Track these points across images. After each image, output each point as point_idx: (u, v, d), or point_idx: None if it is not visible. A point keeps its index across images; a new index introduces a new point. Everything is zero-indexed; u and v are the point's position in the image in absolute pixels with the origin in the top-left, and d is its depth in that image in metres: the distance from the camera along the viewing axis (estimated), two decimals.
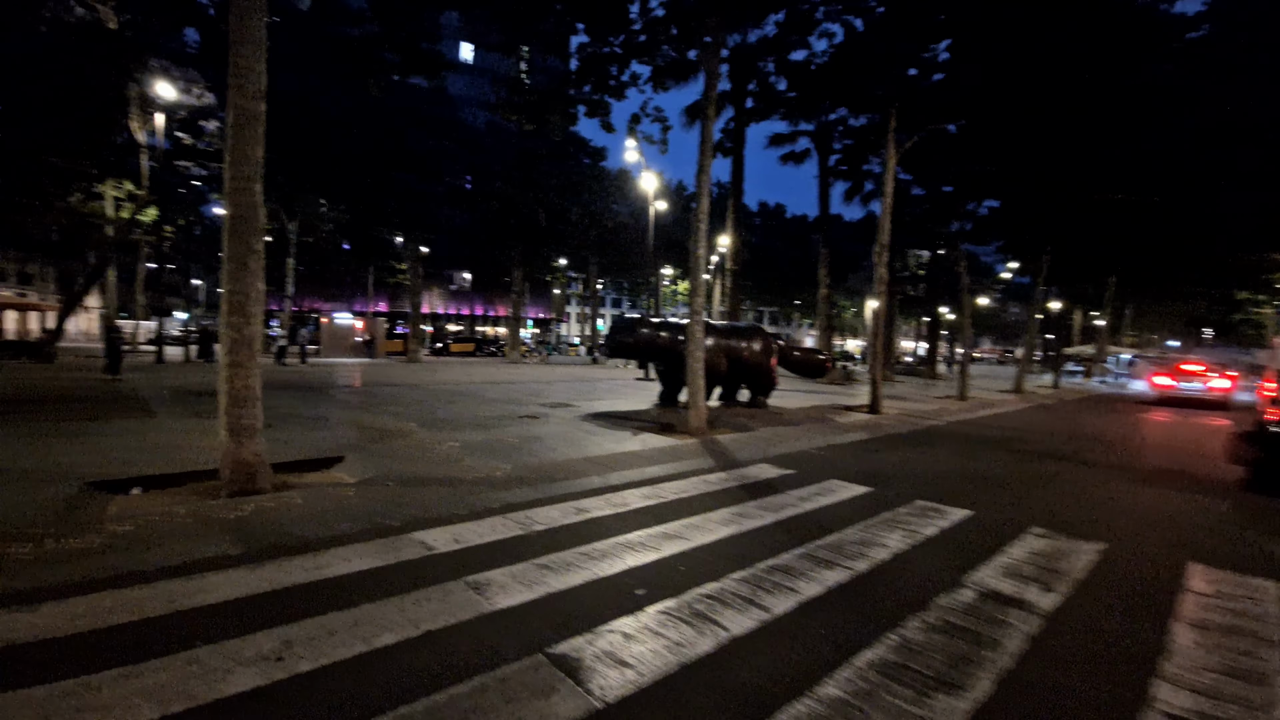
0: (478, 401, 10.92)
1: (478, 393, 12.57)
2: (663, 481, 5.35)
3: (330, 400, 10.43)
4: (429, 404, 10.30)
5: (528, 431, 7.70)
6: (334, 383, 14.16)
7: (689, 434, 8.12)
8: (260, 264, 4.45)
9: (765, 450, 7.16)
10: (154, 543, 3.34)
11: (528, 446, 6.64)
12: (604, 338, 10.53)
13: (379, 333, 28.10)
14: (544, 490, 4.86)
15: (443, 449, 6.32)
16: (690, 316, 8.50)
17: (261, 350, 4.55)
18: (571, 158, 31.39)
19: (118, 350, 13.08)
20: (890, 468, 6.49)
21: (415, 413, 9.09)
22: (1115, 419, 13.43)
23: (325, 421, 7.89)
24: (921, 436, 9.18)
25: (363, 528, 3.76)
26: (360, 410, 9.21)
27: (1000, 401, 16.35)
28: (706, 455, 6.65)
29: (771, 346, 11.70)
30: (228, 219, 4.28)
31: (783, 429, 8.93)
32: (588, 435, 7.62)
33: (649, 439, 7.52)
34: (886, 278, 11.55)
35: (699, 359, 8.45)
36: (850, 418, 10.80)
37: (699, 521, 4.18)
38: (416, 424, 7.96)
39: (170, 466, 5.04)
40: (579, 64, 11.70)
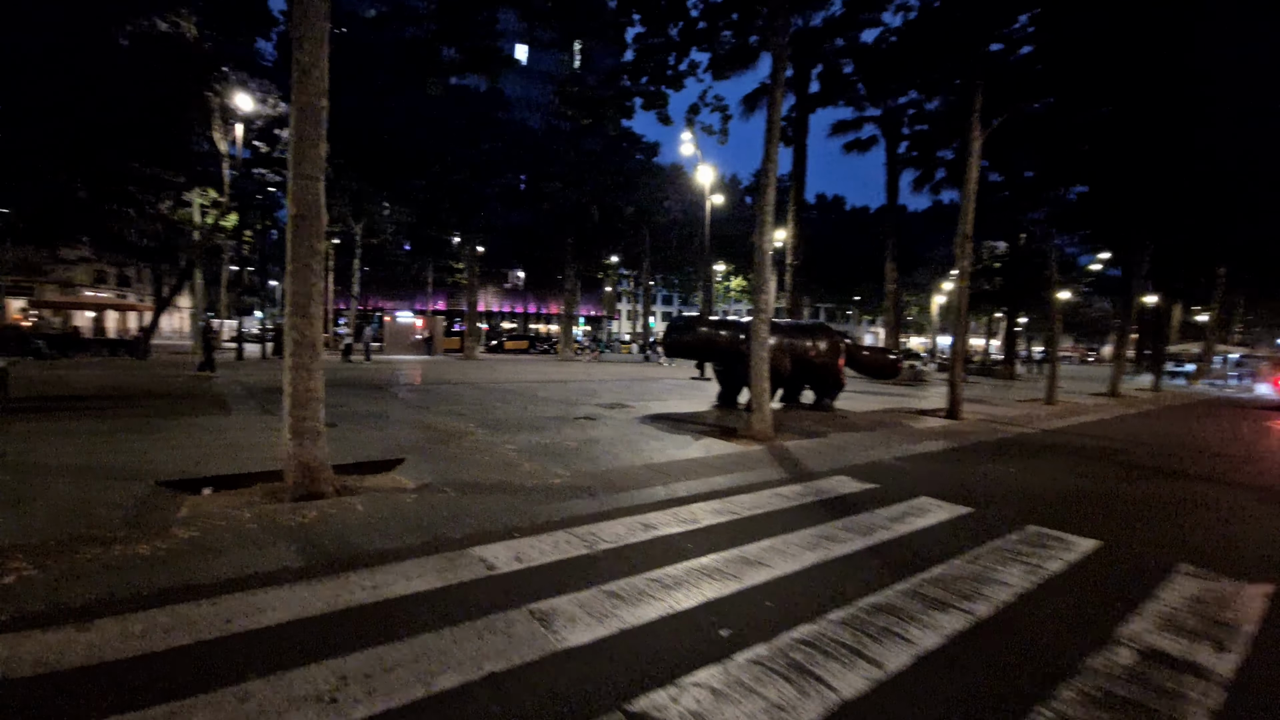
0: (533, 401, 10.83)
1: (533, 392, 12.52)
2: (733, 494, 4.94)
3: (391, 398, 10.60)
4: (485, 403, 10.29)
5: (585, 434, 7.46)
6: (395, 380, 14.51)
7: (753, 439, 7.66)
8: (322, 264, 4.36)
9: (840, 459, 6.61)
10: (217, 551, 3.25)
11: (586, 451, 6.39)
12: (660, 336, 10.15)
13: (438, 330, 28.93)
14: (606, 501, 4.56)
15: (500, 452, 6.15)
16: (754, 314, 8.02)
17: (329, 348, 4.52)
18: (624, 154, 31.22)
19: (211, 348, 13.90)
20: (987, 484, 5.81)
21: (472, 412, 9.05)
22: (1238, 428, 11.88)
23: (386, 420, 7.93)
24: (1013, 447, 8.32)
25: (423, 540, 3.56)
26: (420, 409, 9.27)
27: (1094, 406, 14.88)
28: (776, 464, 6.18)
29: (839, 345, 11.02)
30: (291, 218, 4.20)
31: (854, 435, 8.31)
32: (647, 439, 7.29)
33: (712, 444, 7.11)
34: (969, 270, 10.61)
35: (764, 359, 7.96)
36: (927, 423, 10.00)
37: (780, 544, 3.75)
38: (474, 424, 7.88)
39: (240, 466, 5.08)
40: (635, 54, 11.39)
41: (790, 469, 6.00)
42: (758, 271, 8.04)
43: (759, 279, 8.00)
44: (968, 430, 9.42)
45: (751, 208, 41.00)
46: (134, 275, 37.98)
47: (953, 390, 10.90)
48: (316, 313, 4.32)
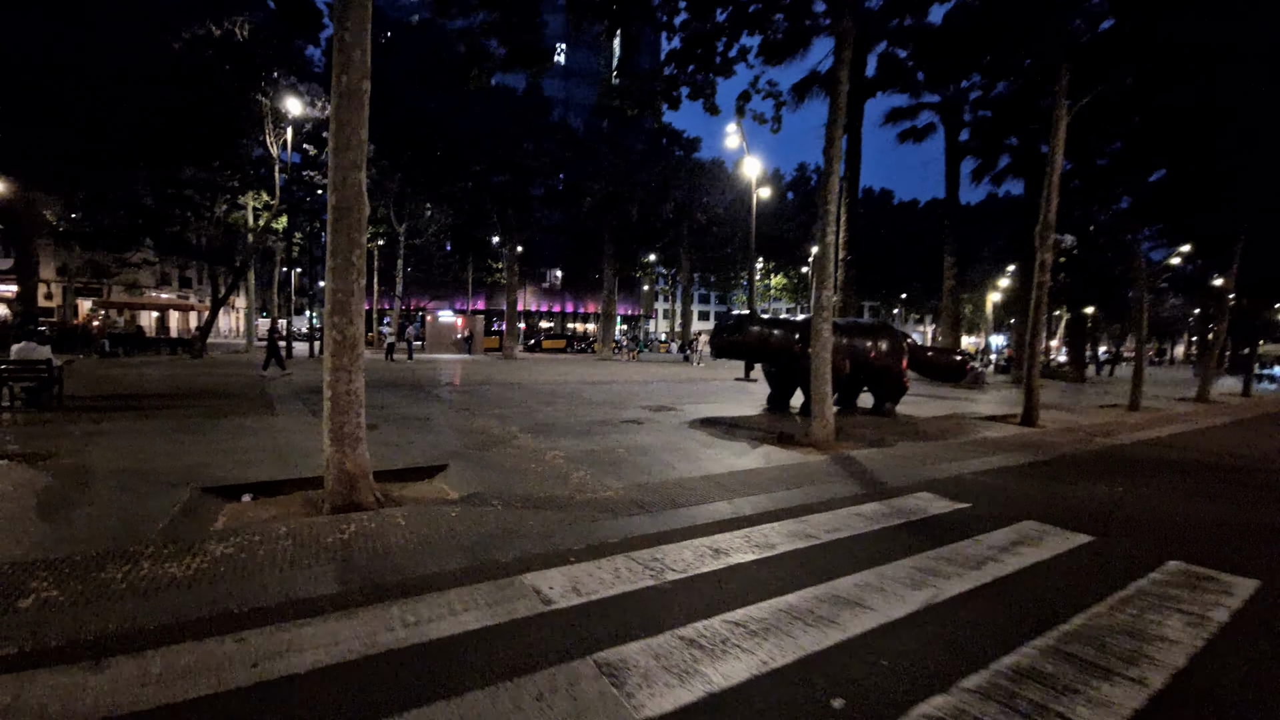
0: (576, 403, 10.49)
1: (575, 393, 12.21)
2: (806, 513, 4.41)
3: (433, 400, 10.44)
4: (528, 405, 10.00)
5: (634, 440, 7.03)
6: (437, 380, 14.47)
7: (814, 447, 7.08)
8: (364, 259, 4.07)
9: (916, 473, 5.97)
10: (251, 571, 2.96)
11: (637, 459, 5.96)
12: (708, 336, 9.64)
13: (478, 330, 29.13)
14: (666, 519, 4.11)
15: (547, 459, 5.78)
16: (815, 312, 7.43)
17: (371, 346, 4.22)
18: (664, 151, 30.74)
19: (276, 348, 14.25)
20: (1096, 506, 5.08)
21: (516, 415, 8.76)
22: None
23: (428, 423, 7.71)
24: (1107, 460, 7.45)
25: (469, 564, 3.20)
26: (462, 411, 9.05)
27: (1185, 414, 13.54)
28: (846, 477, 5.60)
29: (901, 346, 10.28)
30: (331, 210, 3.92)
31: (925, 445, 7.61)
32: (700, 446, 6.81)
33: (771, 453, 6.57)
34: (1050, 264, 9.69)
35: (826, 361, 7.37)
36: (1001, 431, 9.16)
37: (874, 579, 3.22)
38: (517, 428, 7.57)
39: (283, 471, 4.88)
40: (683, 41, 10.91)
41: (863, 483, 5.42)
42: (818, 266, 7.45)
43: (820, 274, 7.41)
44: (1051, 441, 8.55)
45: (794, 204, 39.91)
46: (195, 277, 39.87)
47: (1030, 395, 9.99)
48: (358, 310, 4.03)
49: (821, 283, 7.40)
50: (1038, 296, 9.79)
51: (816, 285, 7.46)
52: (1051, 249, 9.63)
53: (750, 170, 16.55)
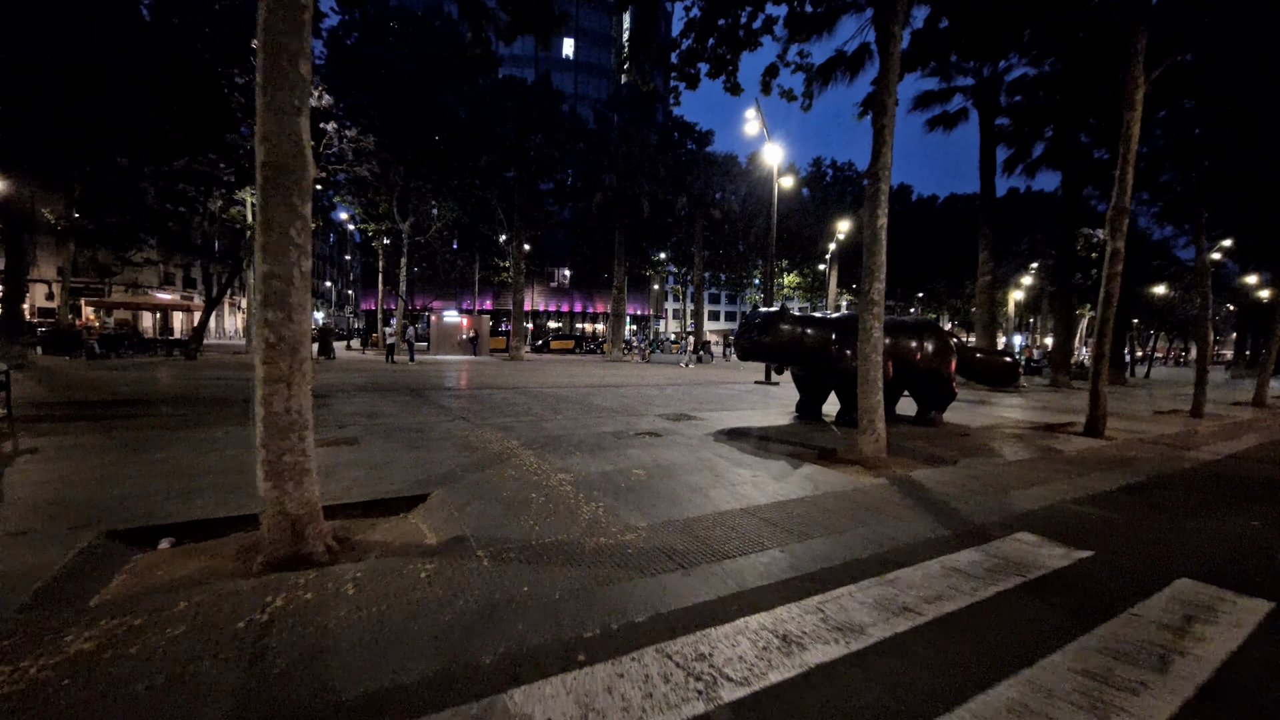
0: (587, 410, 9.50)
1: (585, 399, 11.22)
2: (888, 566, 3.38)
3: (432, 406, 9.50)
4: (534, 413, 9.03)
5: (654, 457, 6.02)
6: (439, 384, 13.56)
7: (863, 466, 6.05)
8: (308, 237, 3.09)
9: (999, 502, 4.90)
10: (106, 689, 1.98)
11: (661, 484, 4.95)
12: (722, 336, 8.55)
13: (484, 330, 28.27)
14: (708, 579, 3.09)
15: (553, 485, 4.79)
16: (863, 308, 6.39)
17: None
18: (677, 145, 29.71)
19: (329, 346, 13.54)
20: (1247, 549, 3.99)
21: (520, 426, 7.78)
22: None
23: (420, 437, 6.74)
24: (1212, 482, 6.32)
25: (434, 669, 2.20)
26: (460, 421, 8.09)
27: (1254, 421, 12.28)
28: (917, 509, 4.56)
29: (950, 347, 9.19)
30: (261, 169, 2.94)
31: (991, 463, 6.53)
32: (732, 465, 5.79)
33: (816, 474, 5.54)
34: (1123, 253, 8.54)
35: (877, 365, 6.34)
36: (1067, 444, 8.05)
37: (1029, 695, 2.18)
38: (520, 441, 6.58)
39: (230, 503, 3.93)
40: (701, 10, 9.88)
41: (941, 518, 4.37)
42: (868, 253, 6.40)
43: (870, 262, 6.36)
44: (1133, 456, 7.43)
45: (810, 200, 38.68)
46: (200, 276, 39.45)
47: (1097, 401, 8.87)
48: (300, 303, 3.06)
49: (871, 273, 6.36)
50: (1108, 290, 8.66)
51: (866, 276, 6.41)
52: (1123, 236, 8.49)
53: (771, 158, 15.48)
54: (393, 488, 4.47)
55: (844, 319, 8.86)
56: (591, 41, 51.67)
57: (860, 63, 15.85)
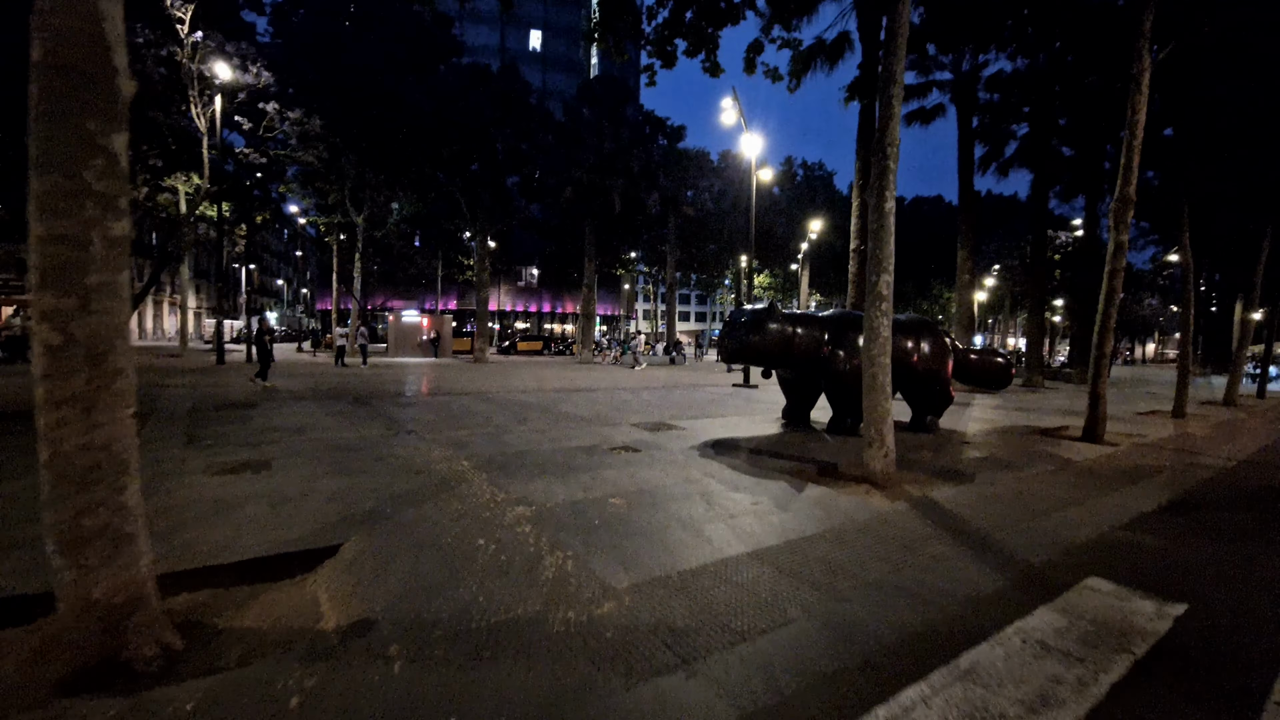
0: (555, 420, 8.50)
1: (554, 405, 10.20)
2: (957, 645, 2.52)
3: (377, 417, 8.34)
4: (495, 423, 7.98)
5: (634, 479, 5.09)
6: (391, 390, 12.31)
7: (872, 485, 5.27)
8: (120, 182, 2.05)
9: (1041, 530, 4.16)
10: None
11: (645, 519, 4.02)
12: (718, 337, 7.69)
13: (446, 331, 26.82)
14: (725, 687, 2.17)
15: (508, 523, 3.81)
16: (870, 303, 5.61)
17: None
18: (649, 140, 28.84)
19: (266, 352, 12.09)
20: None
21: (477, 440, 6.73)
22: None
23: (353, 457, 5.64)
24: (1246, 495, 5.76)
25: None
26: (408, 435, 6.99)
27: (1233, 420, 12.14)
28: (955, 544, 3.76)
29: (946, 347, 8.57)
30: (34, 70, 1.88)
31: (1010, 477, 5.84)
32: (726, 490, 4.90)
33: (825, 499, 4.71)
34: (1126, 247, 8.05)
35: (885, 368, 5.56)
36: (1073, 451, 7.49)
37: None
38: (475, 462, 5.56)
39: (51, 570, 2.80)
40: None
41: (987, 556, 3.57)
42: (874, 239, 5.63)
43: (877, 250, 5.59)
44: (1145, 465, 6.88)
45: (782, 199, 38.38)
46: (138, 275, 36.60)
47: (1096, 405, 8.36)
48: (106, 284, 2.01)
49: (879, 263, 5.58)
50: (1111, 286, 8.14)
51: (872, 267, 5.64)
52: (1127, 229, 8.00)
53: (750, 148, 14.76)
54: (294, 535, 3.42)
55: (838, 317, 8.12)
56: (559, 35, 50.41)
57: (840, 51, 15.34)
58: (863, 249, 13.45)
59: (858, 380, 7.87)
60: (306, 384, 12.87)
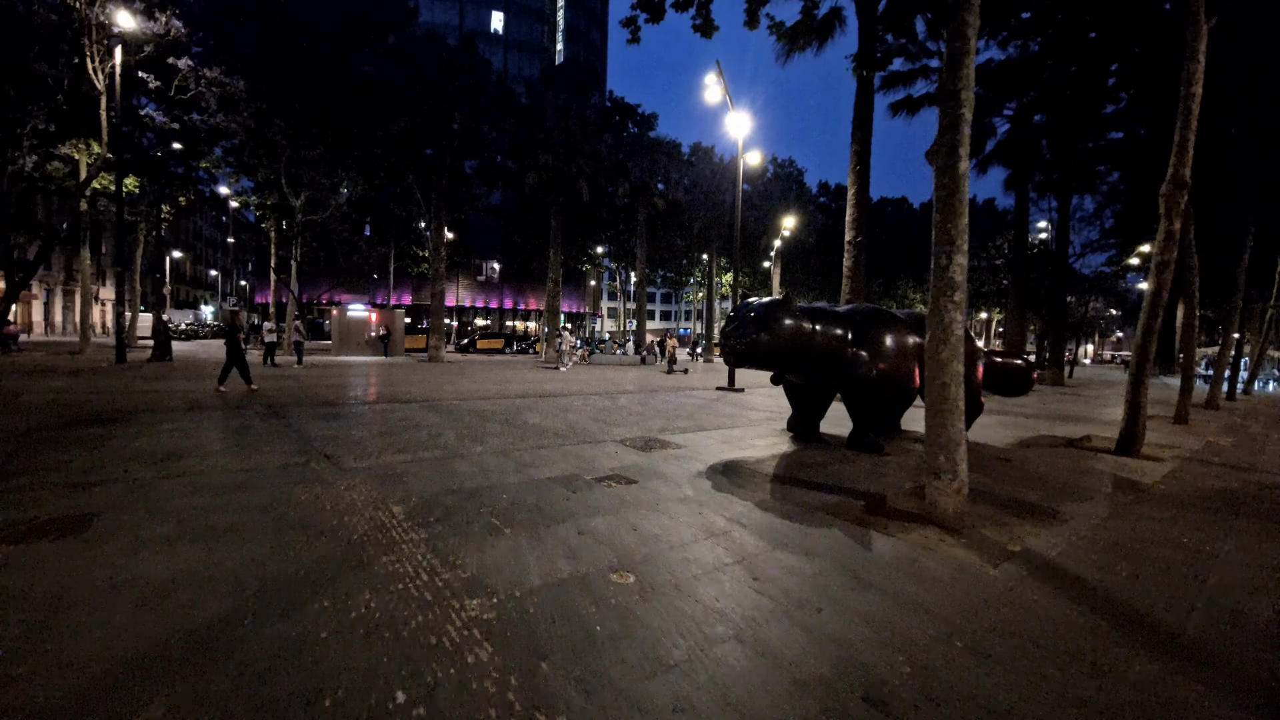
0: (521, 435, 6.95)
1: (518, 416, 8.61)
2: None
3: (288, 435, 6.59)
4: (445, 442, 6.37)
5: (636, 535, 3.65)
6: (321, 397, 10.43)
7: (941, 526, 4.04)
8: None
9: (1215, 606, 2.95)
10: None
11: (669, 615, 2.59)
12: (721, 334, 6.22)
13: (397, 327, 24.57)
14: None
15: (448, 643, 2.31)
16: (939, 292, 4.35)
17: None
18: (618, 127, 27.33)
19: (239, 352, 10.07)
20: None
21: (416, 470, 5.14)
22: None
23: (235, 501, 3.98)
24: None
25: None
26: (322, 463, 5.32)
27: (1237, 426, 11.66)
28: (1126, 643, 2.48)
29: (977, 350, 7.49)
30: None
31: (1091, 511, 4.70)
32: (765, 546, 3.52)
33: (900, 557, 3.39)
34: (1178, 236, 7.11)
35: (957, 376, 4.32)
36: (1128, 469, 6.50)
37: None
38: (409, 508, 3.99)
39: None
40: None
41: (1180, 663, 2.31)
42: (944, 211, 4.37)
43: (948, 223, 4.34)
44: (1217, 487, 5.91)
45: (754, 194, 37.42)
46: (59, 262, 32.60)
47: (1136, 416, 7.42)
48: None
49: (950, 239, 4.33)
50: (1160, 280, 7.20)
51: (939, 244, 4.37)
52: (1180, 215, 7.06)
53: (737, 128, 13.48)
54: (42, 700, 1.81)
55: (861, 313, 6.88)
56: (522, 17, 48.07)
57: (830, 29, 14.23)
58: (859, 240, 12.39)
59: (887, 388, 6.67)
60: (215, 390, 10.84)
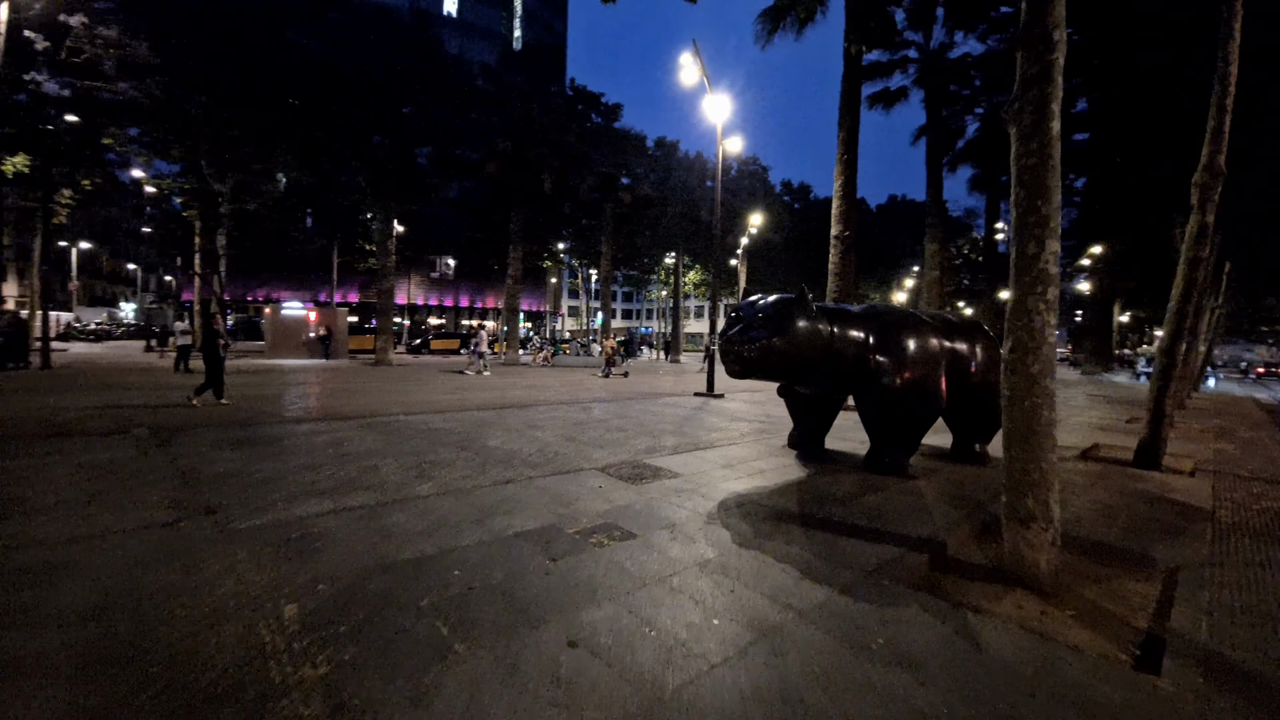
0: (481, 464, 5.66)
1: (478, 436, 7.28)
2: None
3: (165, 475, 5.10)
4: (381, 479, 5.03)
5: (648, 633, 2.50)
6: (230, 414, 8.78)
7: (1035, 590, 3.13)
8: None
9: None
10: None
11: None
12: (722, 339, 5.05)
13: (339, 326, 22.47)
14: None
15: None
16: (1024, 288, 3.43)
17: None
18: (581, 117, 25.97)
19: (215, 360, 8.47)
20: None
21: (341, 527, 3.82)
22: None
23: (62, 578, 2.60)
24: None
25: None
26: (200, 521, 3.93)
27: (1221, 430, 11.50)
28: None
29: (999, 353, 6.67)
30: None
31: (1183, 556, 3.88)
32: (842, 652, 2.44)
33: (1020, 651, 2.37)
34: (1211, 230, 6.51)
35: (1049, 392, 3.41)
36: (1171, 489, 5.82)
37: None
38: (310, 608, 2.71)
39: None
40: None
41: None
42: (1029, 187, 3.42)
43: (1037, 200, 3.39)
44: (1267, 505, 5.27)
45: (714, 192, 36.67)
46: None
47: (1159, 425, 6.83)
48: None
49: (1039, 221, 3.39)
50: (1189, 278, 6.60)
51: (1024, 230, 3.43)
52: (1214, 206, 6.46)
53: (716, 112, 12.47)
54: None
55: (883, 313, 5.95)
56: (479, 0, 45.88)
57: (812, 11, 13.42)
58: (846, 234, 11.60)
59: (915, 402, 5.74)
60: (104, 399, 9.01)
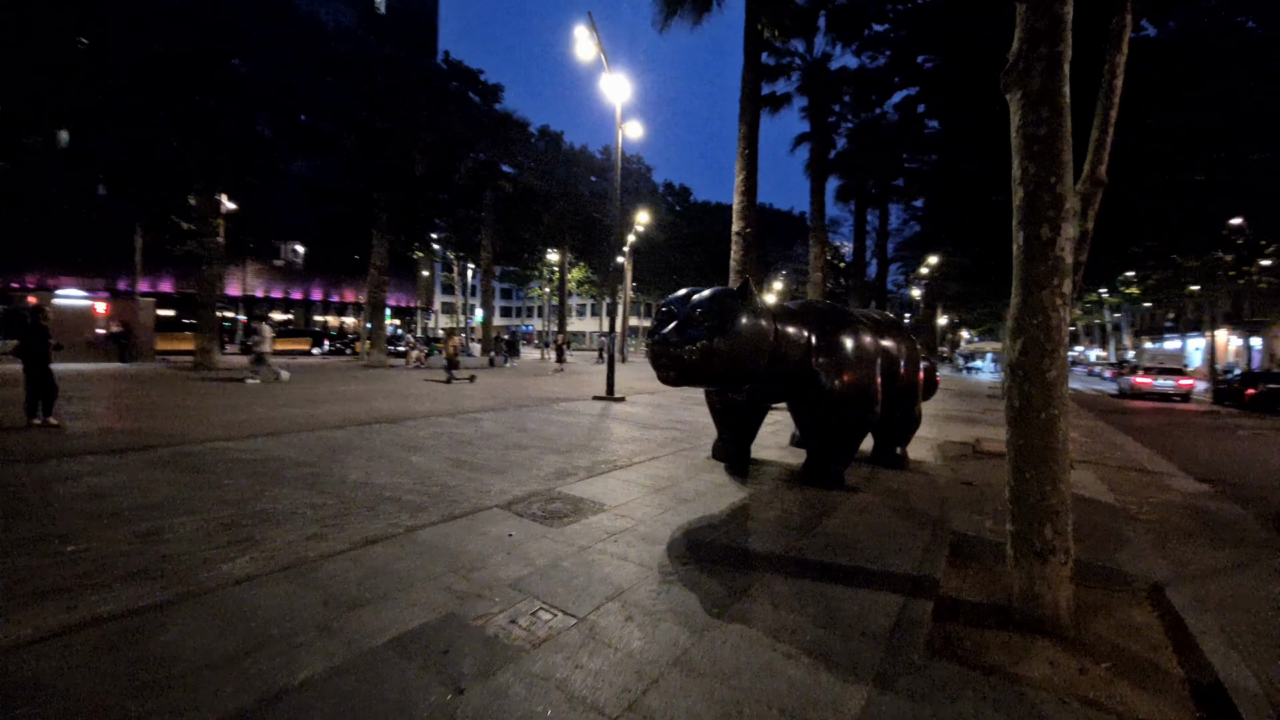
0: (336, 513, 4.14)
1: (332, 465, 5.58)
2: None
3: None
4: (174, 557, 3.35)
5: None
6: None
7: (1053, 636, 2.70)
8: None
9: None
10: None
11: None
12: (652, 339, 4.10)
13: (142, 322, 18.03)
14: None
15: None
16: (1036, 279, 2.98)
17: None
18: (457, 95, 23.58)
19: None
20: None
21: (45, 676, 2.24)
22: None
23: None
24: None
25: None
26: None
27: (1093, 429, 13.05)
28: None
29: (920, 353, 6.59)
30: None
31: (1158, 568, 3.74)
32: None
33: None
34: (1091, 235, 6.92)
35: (1064, 400, 2.98)
36: (1074, 485, 6.02)
37: None
38: None
39: None
40: None
41: None
42: (1042, 157, 2.94)
43: (1050, 171, 2.92)
44: (1158, 498, 5.61)
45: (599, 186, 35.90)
46: None
47: None
48: None
49: (1054, 203, 2.91)
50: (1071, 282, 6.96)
51: (1031, 213, 2.98)
52: (1095, 216, 6.88)
53: (616, 93, 11.55)
54: None
55: (820, 311, 5.42)
56: None
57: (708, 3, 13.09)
58: (747, 231, 11.34)
59: (859, 407, 5.32)
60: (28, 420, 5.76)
